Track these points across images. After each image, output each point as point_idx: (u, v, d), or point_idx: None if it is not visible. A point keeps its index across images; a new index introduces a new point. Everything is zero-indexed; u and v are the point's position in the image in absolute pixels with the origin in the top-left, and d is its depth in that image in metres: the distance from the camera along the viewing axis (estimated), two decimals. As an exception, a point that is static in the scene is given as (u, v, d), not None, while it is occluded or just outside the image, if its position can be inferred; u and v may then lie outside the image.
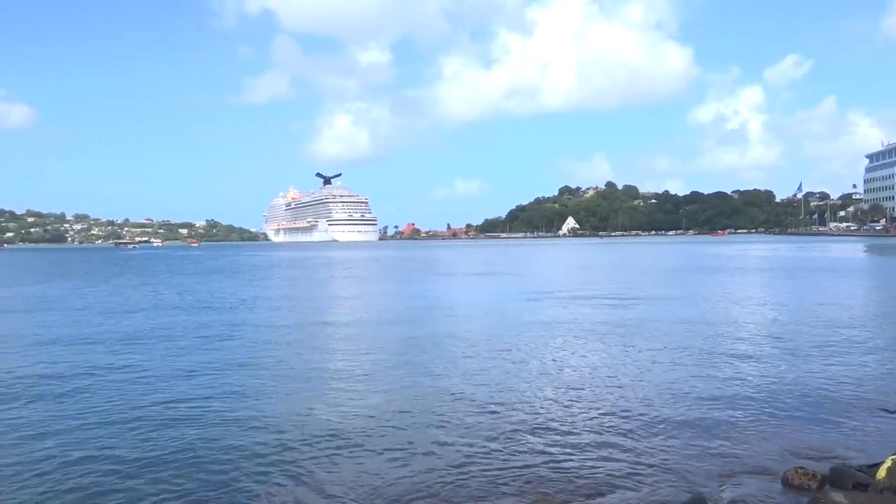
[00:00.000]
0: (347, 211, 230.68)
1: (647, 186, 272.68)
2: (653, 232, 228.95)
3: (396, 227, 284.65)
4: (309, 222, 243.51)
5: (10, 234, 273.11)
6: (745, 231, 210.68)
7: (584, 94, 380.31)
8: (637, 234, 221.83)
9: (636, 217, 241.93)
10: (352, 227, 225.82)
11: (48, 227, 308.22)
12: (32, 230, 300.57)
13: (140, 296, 24.56)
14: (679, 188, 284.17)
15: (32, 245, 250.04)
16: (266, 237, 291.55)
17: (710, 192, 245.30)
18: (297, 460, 6.09)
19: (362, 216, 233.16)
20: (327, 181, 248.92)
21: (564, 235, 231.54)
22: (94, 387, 9.19)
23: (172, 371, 10.19)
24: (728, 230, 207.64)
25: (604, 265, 43.83)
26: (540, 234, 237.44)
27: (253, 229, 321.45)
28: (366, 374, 9.92)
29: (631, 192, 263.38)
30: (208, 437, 6.82)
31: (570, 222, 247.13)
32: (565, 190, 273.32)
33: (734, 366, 10.11)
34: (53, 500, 5.25)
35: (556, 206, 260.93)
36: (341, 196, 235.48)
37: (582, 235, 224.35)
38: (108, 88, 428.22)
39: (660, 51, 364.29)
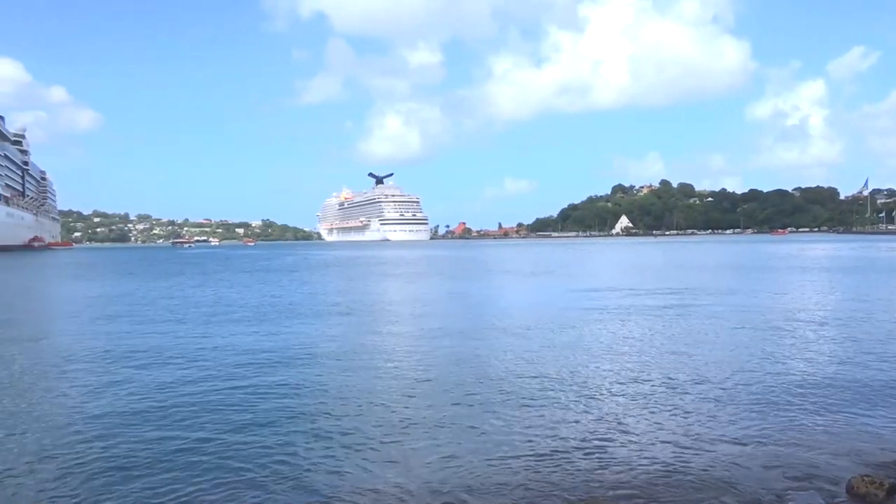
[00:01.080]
0: (399, 210, 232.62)
1: (703, 184, 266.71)
2: (709, 231, 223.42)
3: (447, 226, 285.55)
4: (361, 222, 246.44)
5: (77, 234, 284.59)
6: (806, 230, 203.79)
7: (636, 92, 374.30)
8: (693, 233, 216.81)
9: (692, 216, 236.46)
10: (403, 227, 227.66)
11: (113, 227, 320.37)
12: (98, 230, 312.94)
13: (203, 293, 25.22)
14: (736, 186, 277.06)
15: (98, 244, 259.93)
16: (319, 236, 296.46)
17: (770, 189, 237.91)
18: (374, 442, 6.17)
19: (413, 215, 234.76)
20: (379, 181, 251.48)
21: (617, 235, 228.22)
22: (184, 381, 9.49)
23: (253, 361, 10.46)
24: (789, 229, 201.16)
25: (662, 264, 43.00)
26: (592, 233, 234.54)
27: (307, 229, 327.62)
28: (428, 374, 9.96)
29: (686, 190, 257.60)
30: (301, 427, 6.96)
31: (624, 221, 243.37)
32: (618, 188, 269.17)
33: (795, 367, 9.77)
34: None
35: (609, 204, 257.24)
36: (393, 196, 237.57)
37: (635, 235, 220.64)
38: (168, 93, 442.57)
39: (716, 45, 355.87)
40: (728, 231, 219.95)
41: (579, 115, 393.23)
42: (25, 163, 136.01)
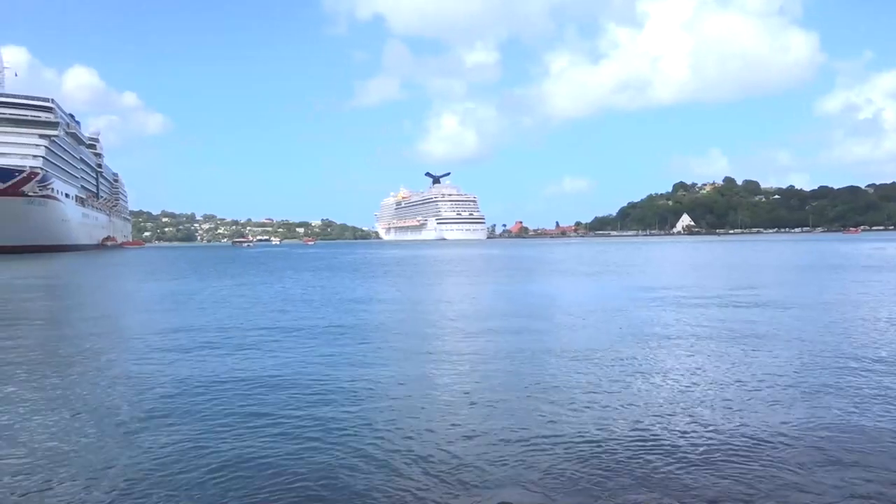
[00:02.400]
0: (456, 209, 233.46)
1: (769, 181, 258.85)
2: (775, 230, 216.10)
3: (504, 225, 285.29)
4: (418, 221, 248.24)
5: (147, 234, 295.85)
6: (881, 228, 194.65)
7: (697, 87, 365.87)
8: (759, 232, 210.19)
9: (758, 214, 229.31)
10: (460, 226, 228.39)
11: (180, 227, 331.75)
12: (167, 230, 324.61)
13: (273, 290, 25.95)
14: (804, 183, 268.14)
15: (167, 244, 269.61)
16: (377, 235, 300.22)
17: (841, 186, 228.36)
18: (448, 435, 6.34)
19: (470, 214, 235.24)
20: (436, 180, 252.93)
21: (679, 233, 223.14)
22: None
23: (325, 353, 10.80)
24: (862, 227, 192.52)
25: (734, 263, 41.90)
26: (653, 232, 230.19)
27: (365, 228, 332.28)
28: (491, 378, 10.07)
29: (751, 187, 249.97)
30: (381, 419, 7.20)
31: (685, 220, 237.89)
32: (680, 186, 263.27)
33: (875, 380, 9.29)
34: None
35: (670, 202, 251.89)
36: (450, 195, 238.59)
37: (697, 233, 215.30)
38: (232, 97, 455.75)
39: (781, 38, 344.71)
40: (796, 230, 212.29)
41: (638, 111, 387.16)
42: (99, 165, 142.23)
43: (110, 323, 16.98)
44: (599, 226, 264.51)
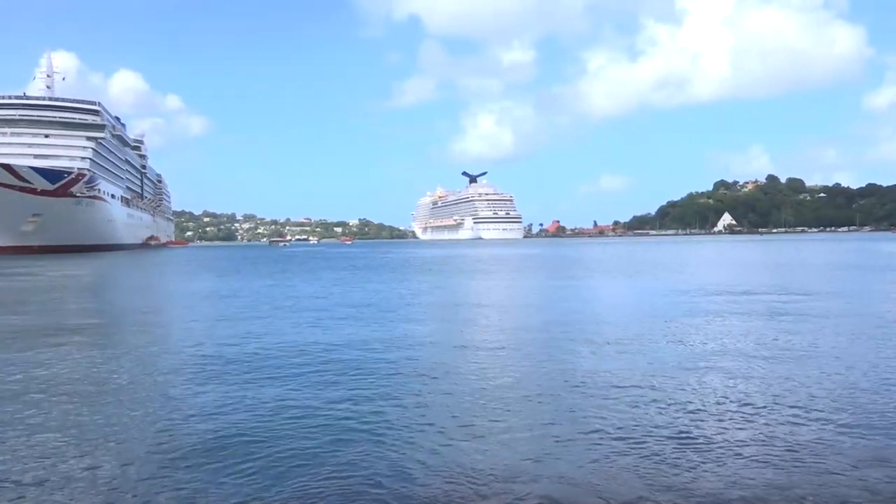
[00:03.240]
0: (492, 209, 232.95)
1: (814, 179, 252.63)
2: (820, 228, 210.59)
3: (541, 224, 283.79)
4: (455, 220, 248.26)
5: (189, 234, 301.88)
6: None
7: (738, 83, 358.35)
8: (803, 231, 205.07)
9: (802, 212, 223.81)
10: (497, 225, 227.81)
11: (221, 227, 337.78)
12: (208, 229, 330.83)
13: (311, 290, 26.28)
14: (851, 181, 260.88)
15: (208, 243, 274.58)
16: (413, 235, 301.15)
17: (890, 184, 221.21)
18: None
19: (507, 214, 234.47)
20: (473, 180, 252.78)
21: (720, 232, 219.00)
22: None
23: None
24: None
25: (782, 263, 41.00)
26: (692, 231, 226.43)
27: (401, 227, 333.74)
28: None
29: (795, 185, 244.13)
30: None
31: (726, 219, 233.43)
32: (721, 184, 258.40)
33: None
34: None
35: (711, 201, 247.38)
36: (486, 194, 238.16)
37: (739, 232, 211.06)
38: (270, 99, 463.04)
39: (827, 32, 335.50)
40: (842, 229, 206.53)
41: (677, 109, 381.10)
42: (144, 167, 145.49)
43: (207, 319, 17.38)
44: (638, 225, 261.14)
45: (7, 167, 75.30)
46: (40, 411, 7.68)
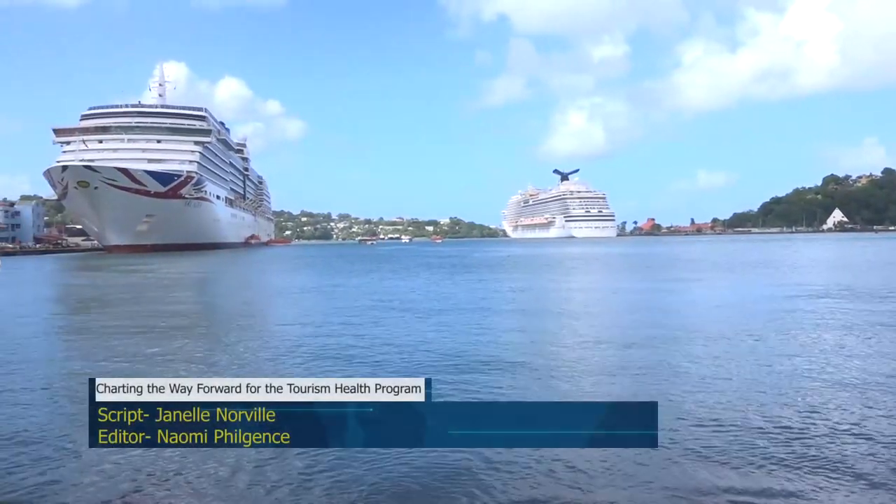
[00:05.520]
0: (585, 207, 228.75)
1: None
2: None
3: (635, 222, 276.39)
4: (546, 218, 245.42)
5: (288, 233, 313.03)
6: None
7: (847, 73, 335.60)
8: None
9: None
10: (589, 223, 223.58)
11: (318, 226, 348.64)
12: (305, 228, 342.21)
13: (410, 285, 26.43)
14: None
15: (305, 242, 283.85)
16: (504, 233, 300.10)
17: None
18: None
19: (599, 212, 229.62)
20: (564, 177, 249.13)
21: (829, 230, 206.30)
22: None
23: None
24: None
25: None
26: (799, 228, 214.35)
27: (492, 226, 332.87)
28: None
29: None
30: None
31: (837, 215, 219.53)
32: (831, 179, 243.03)
33: None
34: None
35: (819, 197, 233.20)
36: (578, 192, 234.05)
37: (851, 230, 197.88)
38: (362, 101, 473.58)
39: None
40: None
41: (781, 101, 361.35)
42: (246, 169, 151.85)
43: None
44: (739, 222, 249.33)
45: (125, 171, 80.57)
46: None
